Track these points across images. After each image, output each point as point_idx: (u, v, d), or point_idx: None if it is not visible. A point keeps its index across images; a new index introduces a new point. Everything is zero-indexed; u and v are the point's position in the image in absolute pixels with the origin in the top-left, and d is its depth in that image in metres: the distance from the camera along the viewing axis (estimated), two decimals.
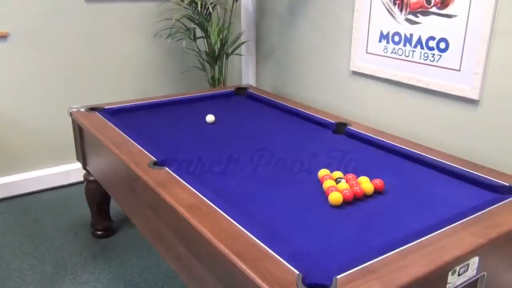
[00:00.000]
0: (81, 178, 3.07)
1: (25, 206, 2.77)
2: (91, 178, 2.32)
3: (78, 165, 3.05)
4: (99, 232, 2.44)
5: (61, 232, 2.49)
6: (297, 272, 1.03)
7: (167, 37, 2.79)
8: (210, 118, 2.17)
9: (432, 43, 2.08)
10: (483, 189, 1.51)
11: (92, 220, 2.44)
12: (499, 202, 1.37)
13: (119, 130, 1.97)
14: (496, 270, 1.30)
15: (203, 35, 2.84)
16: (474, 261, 1.21)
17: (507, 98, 1.86)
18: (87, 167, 2.31)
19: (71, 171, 3.02)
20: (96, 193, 2.36)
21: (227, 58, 2.91)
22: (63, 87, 2.89)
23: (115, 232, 2.50)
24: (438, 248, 1.13)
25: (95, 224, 2.43)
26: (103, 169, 2.05)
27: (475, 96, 1.95)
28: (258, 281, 1.01)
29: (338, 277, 1.02)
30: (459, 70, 2.00)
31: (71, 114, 2.25)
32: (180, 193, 1.41)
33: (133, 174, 1.63)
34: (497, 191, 1.48)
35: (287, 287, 0.98)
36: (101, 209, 2.41)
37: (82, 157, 2.31)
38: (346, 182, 1.49)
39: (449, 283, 1.17)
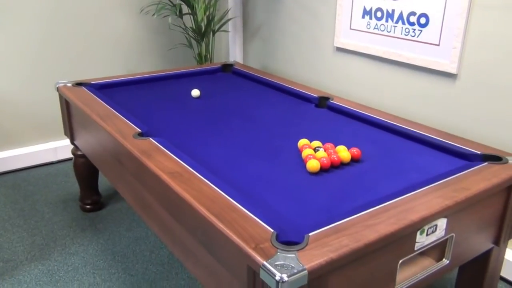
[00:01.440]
0: (69, 155, 3.10)
1: (15, 182, 2.81)
2: (79, 153, 2.36)
3: (67, 142, 3.08)
4: (87, 206, 2.48)
5: (50, 207, 2.54)
6: (272, 230, 1.09)
7: (153, 14, 2.80)
8: (195, 92, 2.21)
9: (413, 19, 2.12)
10: (455, 157, 1.57)
11: (80, 194, 2.49)
12: (469, 169, 1.43)
13: (105, 104, 2.00)
14: (464, 232, 1.37)
15: (190, 11, 2.86)
16: (442, 222, 1.27)
17: (483, 72, 1.91)
18: (74, 142, 2.35)
19: (59, 147, 3.05)
20: (84, 168, 2.40)
21: (213, 35, 2.93)
22: (51, 63, 2.90)
23: (103, 206, 2.55)
24: (406, 209, 1.19)
25: (83, 198, 2.48)
26: (90, 142, 2.09)
27: (453, 70, 2.00)
28: (235, 238, 1.06)
29: (310, 234, 1.08)
30: (438, 45, 2.04)
31: (58, 89, 2.27)
32: (163, 161, 1.45)
33: (119, 145, 1.68)
34: (469, 159, 1.54)
35: (262, 244, 1.04)
36: (90, 183, 2.45)
37: (70, 132, 2.34)
38: (324, 151, 1.54)
39: (417, 242, 1.23)
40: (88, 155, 2.20)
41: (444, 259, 1.37)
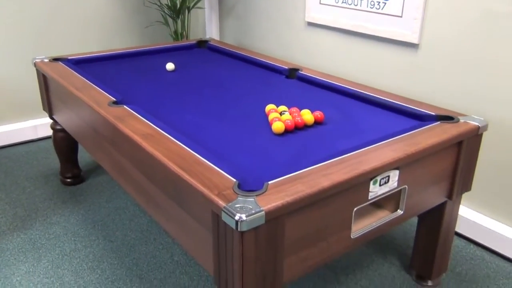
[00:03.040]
0: (49, 133, 3.15)
1: None
2: (58, 127, 2.42)
3: (46, 120, 3.13)
4: (68, 180, 2.55)
5: (31, 182, 2.60)
6: (234, 180, 1.19)
7: None
8: (170, 66, 2.28)
9: None
10: (411, 118, 1.68)
11: (61, 168, 2.55)
12: (423, 127, 1.54)
13: (81, 77, 2.07)
14: (416, 184, 1.49)
15: None
16: (395, 173, 1.38)
17: (442, 41, 2.02)
18: (53, 116, 2.40)
19: (39, 125, 3.10)
20: (63, 142, 2.46)
21: (189, 12, 2.98)
22: (28, 41, 2.93)
23: (84, 180, 2.62)
24: (360, 161, 1.30)
25: (64, 172, 2.54)
26: (68, 115, 2.15)
27: (415, 40, 2.11)
28: (200, 187, 1.15)
29: (269, 182, 1.18)
30: (401, 16, 2.14)
31: (35, 64, 2.32)
32: (136, 125, 1.53)
33: (94, 113, 1.75)
34: (423, 120, 1.65)
35: (224, 191, 1.13)
36: (69, 157, 2.51)
37: (48, 107, 2.40)
38: (290, 114, 1.63)
39: (371, 191, 1.34)
40: (66, 128, 2.26)
41: (398, 210, 1.48)
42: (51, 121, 2.52)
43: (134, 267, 1.93)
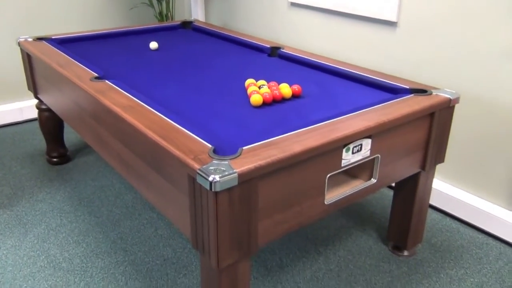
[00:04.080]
0: (35, 115, 3.17)
1: None
2: (43, 107, 2.44)
3: (32, 102, 3.14)
4: (54, 159, 2.58)
5: (18, 161, 2.62)
6: (210, 146, 1.23)
7: None
8: (153, 45, 2.30)
9: None
10: (386, 92, 1.73)
11: (47, 148, 2.58)
12: (396, 99, 1.59)
13: (65, 55, 2.09)
14: (389, 154, 1.54)
15: None
16: (367, 142, 1.43)
17: (420, 19, 2.07)
18: (38, 96, 2.42)
19: (25, 107, 3.11)
20: (49, 121, 2.48)
21: None
22: (12, 22, 2.93)
23: (70, 160, 2.65)
24: (332, 129, 1.34)
25: (50, 151, 2.57)
26: (52, 93, 2.18)
27: (393, 18, 2.15)
28: (176, 152, 1.20)
29: (243, 148, 1.22)
30: None
31: (19, 43, 2.33)
32: (117, 98, 1.57)
33: (77, 88, 1.78)
34: (397, 93, 1.70)
35: (199, 155, 1.18)
36: (55, 136, 2.54)
37: (33, 86, 2.42)
38: (268, 88, 1.67)
39: (344, 159, 1.39)
40: (51, 107, 2.28)
41: (372, 179, 1.54)
42: (37, 102, 2.54)
43: (119, 241, 1.97)
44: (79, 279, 1.75)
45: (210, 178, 1.07)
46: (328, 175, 1.37)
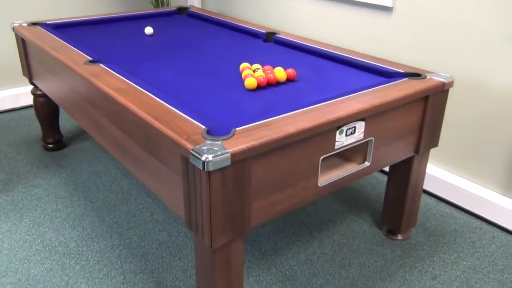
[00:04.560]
0: (31, 102, 3.16)
1: None
2: (39, 92, 2.44)
3: (28, 88, 3.13)
4: (50, 145, 2.58)
5: (13, 147, 2.62)
6: (204, 127, 1.23)
7: None
8: (148, 30, 2.29)
9: None
10: (380, 76, 1.73)
11: (43, 134, 2.58)
12: (390, 83, 1.59)
13: (59, 39, 2.08)
14: (383, 137, 1.54)
15: None
16: (361, 125, 1.44)
17: (415, 5, 2.06)
18: (33, 81, 2.42)
19: (21, 94, 3.10)
20: (44, 107, 2.48)
21: None
22: (5, 8, 2.91)
23: (66, 146, 2.65)
24: (326, 111, 1.35)
25: (46, 137, 2.57)
26: (47, 78, 2.17)
27: (389, 4, 2.14)
28: (170, 133, 1.20)
29: (237, 128, 1.22)
30: None
31: (13, 28, 2.32)
32: (111, 81, 1.56)
33: (71, 72, 1.77)
34: (392, 77, 1.70)
35: (193, 136, 1.18)
36: (51, 123, 2.54)
37: (28, 71, 2.41)
38: (263, 71, 1.67)
39: (337, 141, 1.40)
40: (46, 92, 2.28)
41: (365, 162, 1.54)
42: (32, 87, 2.53)
43: (115, 225, 1.98)
44: (75, 262, 1.76)
45: (203, 158, 1.08)
46: (322, 157, 1.37)
